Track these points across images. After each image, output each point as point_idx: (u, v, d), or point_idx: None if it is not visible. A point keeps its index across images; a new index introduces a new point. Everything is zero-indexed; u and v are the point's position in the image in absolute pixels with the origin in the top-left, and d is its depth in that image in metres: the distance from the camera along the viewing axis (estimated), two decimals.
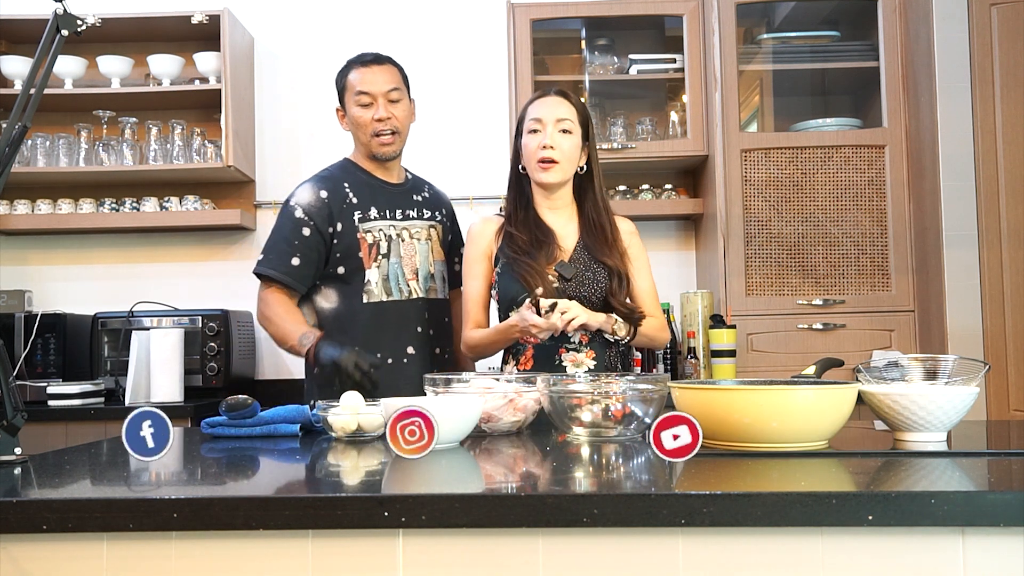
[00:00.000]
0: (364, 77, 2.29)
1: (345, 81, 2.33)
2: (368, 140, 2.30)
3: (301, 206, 2.27)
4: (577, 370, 2.12)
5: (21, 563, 1.09)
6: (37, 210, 3.41)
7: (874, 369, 1.59)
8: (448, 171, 3.54)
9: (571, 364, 2.13)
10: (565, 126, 2.15)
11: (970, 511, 1.03)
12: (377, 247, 2.27)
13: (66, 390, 2.98)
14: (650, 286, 2.25)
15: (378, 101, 2.28)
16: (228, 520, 1.06)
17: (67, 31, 1.53)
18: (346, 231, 2.26)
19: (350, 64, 2.36)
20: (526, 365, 2.15)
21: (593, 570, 1.07)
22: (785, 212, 3.11)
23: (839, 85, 3.48)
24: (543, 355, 2.14)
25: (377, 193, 2.33)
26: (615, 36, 3.47)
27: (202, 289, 3.57)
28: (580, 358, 2.13)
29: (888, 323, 3.08)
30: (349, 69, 2.34)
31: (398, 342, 2.27)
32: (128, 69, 3.42)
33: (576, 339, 2.13)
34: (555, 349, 2.13)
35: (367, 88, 2.28)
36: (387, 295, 2.27)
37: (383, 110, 2.28)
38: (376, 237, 2.27)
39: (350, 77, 2.32)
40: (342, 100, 2.36)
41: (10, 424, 1.36)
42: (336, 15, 3.63)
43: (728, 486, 1.08)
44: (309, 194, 2.29)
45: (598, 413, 1.53)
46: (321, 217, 2.25)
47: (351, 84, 2.31)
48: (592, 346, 2.14)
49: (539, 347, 2.13)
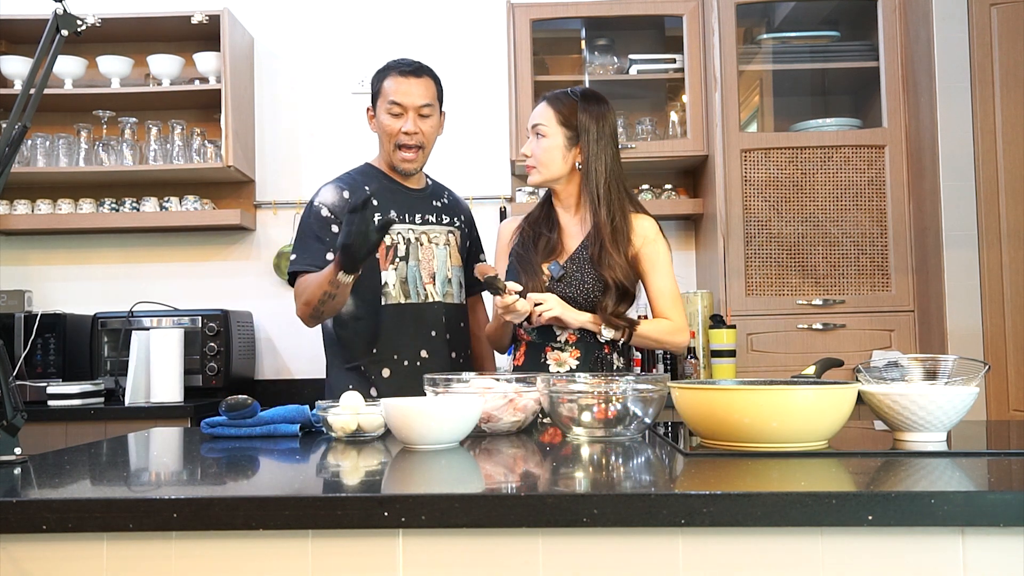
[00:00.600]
0: (400, 88, 2.28)
1: (380, 86, 2.32)
2: (392, 151, 2.31)
3: (326, 205, 2.28)
4: (559, 369, 2.15)
5: (21, 563, 1.09)
6: (37, 210, 3.41)
7: (874, 369, 1.59)
8: (448, 171, 3.54)
9: (554, 363, 2.17)
10: (540, 131, 2.21)
11: (970, 511, 1.03)
12: (395, 250, 2.28)
13: (66, 390, 2.98)
14: (668, 287, 2.20)
15: (408, 114, 2.28)
16: (228, 520, 1.06)
17: (67, 31, 1.53)
18: None
19: (388, 69, 2.33)
20: (519, 361, 2.23)
21: (593, 570, 1.07)
22: (785, 212, 3.11)
23: (839, 85, 3.48)
24: (532, 352, 2.21)
25: (398, 197, 2.33)
26: (615, 36, 3.48)
27: (202, 289, 3.57)
28: (564, 357, 2.17)
29: (888, 323, 3.08)
30: (387, 74, 2.32)
31: (414, 344, 2.28)
32: (128, 69, 3.42)
33: (563, 338, 2.17)
34: (542, 347, 2.18)
35: (400, 100, 2.27)
36: (405, 297, 2.28)
37: (412, 124, 2.27)
38: (394, 240, 2.28)
39: (386, 84, 2.30)
40: (374, 102, 2.34)
41: (10, 424, 1.36)
42: (336, 15, 3.63)
43: (728, 486, 1.08)
44: (332, 194, 2.29)
45: (598, 413, 1.53)
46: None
47: (386, 91, 2.29)
48: (578, 345, 2.16)
49: (530, 344, 2.20)
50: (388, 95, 2.28)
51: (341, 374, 2.31)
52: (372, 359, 2.27)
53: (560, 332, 2.17)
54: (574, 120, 2.19)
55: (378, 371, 2.26)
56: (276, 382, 3.56)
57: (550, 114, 2.20)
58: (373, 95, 2.35)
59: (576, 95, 2.22)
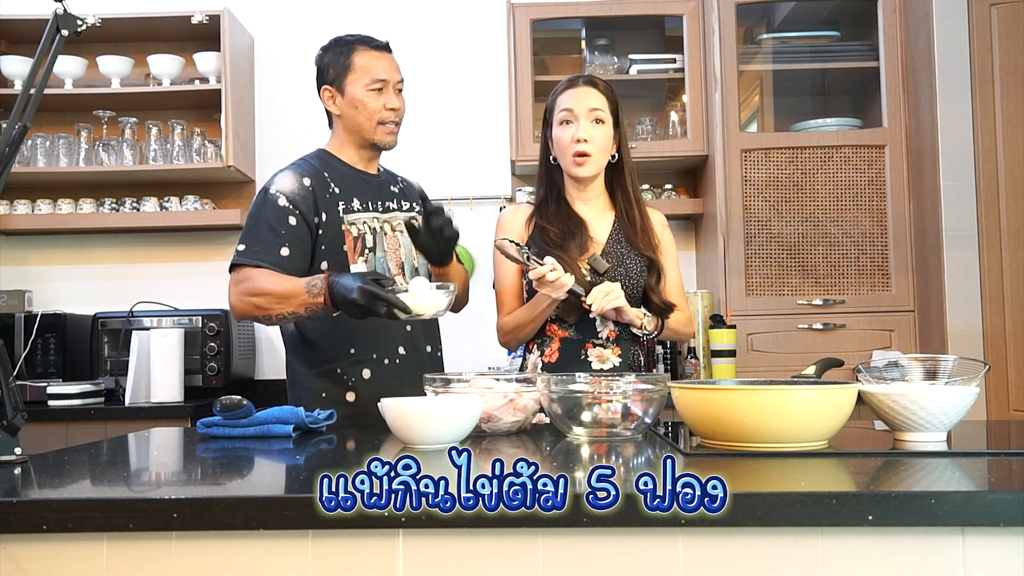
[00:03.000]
0: (379, 64, 2.17)
1: (349, 61, 2.17)
2: (373, 127, 2.17)
3: (284, 194, 2.08)
4: (602, 366, 2.08)
5: (21, 563, 1.09)
6: (37, 210, 3.41)
7: (874, 369, 1.59)
8: (448, 171, 3.54)
9: (597, 359, 2.09)
10: (597, 115, 2.09)
11: (970, 511, 1.03)
12: (362, 240, 2.14)
13: (66, 390, 2.98)
14: (678, 279, 2.21)
15: (389, 89, 2.17)
16: (228, 520, 1.06)
17: (67, 31, 1.53)
18: (331, 222, 2.12)
19: (353, 44, 2.20)
20: (551, 357, 2.10)
21: (593, 570, 1.07)
22: (785, 212, 3.11)
23: (839, 85, 3.48)
24: (568, 349, 2.10)
25: (359, 184, 2.20)
26: (615, 36, 3.48)
27: (202, 289, 3.57)
28: (606, 354, 2.09)
29: (888, 323, 3.08)
30: (353, 49, 2.19)
31: (392, 342, 2.16)
32: (128, 69, 3.42)
33: (604, 335, 2.09)
34: (582, 344, 2.09)
35: (384, 75, 2.16)
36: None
37: (394, 100, 2.17)
38: (361, 230, 2.15)
39: (359, 59, 2.17)
40: (339, 80, 2.18)
41: (10, 424, 1.36)
42: (336, 15, 3.63)
43: (728, 486, 1.08)
44: (292, 182, 2.11)
45: (598, 413, 1.53)
46: (307, 206, 2.09)
47: (360, 67, 2.17)
48: (618, 342, 2.10)
49: (565, 340, 2.10)
50: (366, 71, 2.16)
51: (312, 379, 2.12)
52: (351, 360, 2.10)
53: (602, 328, 2.09)
54: (615, 106, 2.13)
55: (358, 372, 2.10)
56: (276, 382, 3.55)
57: (604, 100, 2.10)
58: (336, 72, 2.19)
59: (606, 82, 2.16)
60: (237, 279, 2.04)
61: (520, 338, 2.14)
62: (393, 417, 1.46)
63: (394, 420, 1.46)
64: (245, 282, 2.01)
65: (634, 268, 2.12)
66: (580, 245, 2.08)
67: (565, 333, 2.10)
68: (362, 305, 1.81)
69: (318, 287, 1.91)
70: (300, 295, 1.93)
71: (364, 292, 1.81)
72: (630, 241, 2.13)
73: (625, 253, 2.13)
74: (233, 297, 2.03)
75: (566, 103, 2.11)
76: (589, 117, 2.08)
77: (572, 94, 2.12)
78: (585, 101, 2.09)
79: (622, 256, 2.12)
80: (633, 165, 2.19)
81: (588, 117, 2.08)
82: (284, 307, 1.96)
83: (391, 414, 1.46)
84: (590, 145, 2.08)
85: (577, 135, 2.08)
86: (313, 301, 1.92)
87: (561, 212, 2.14)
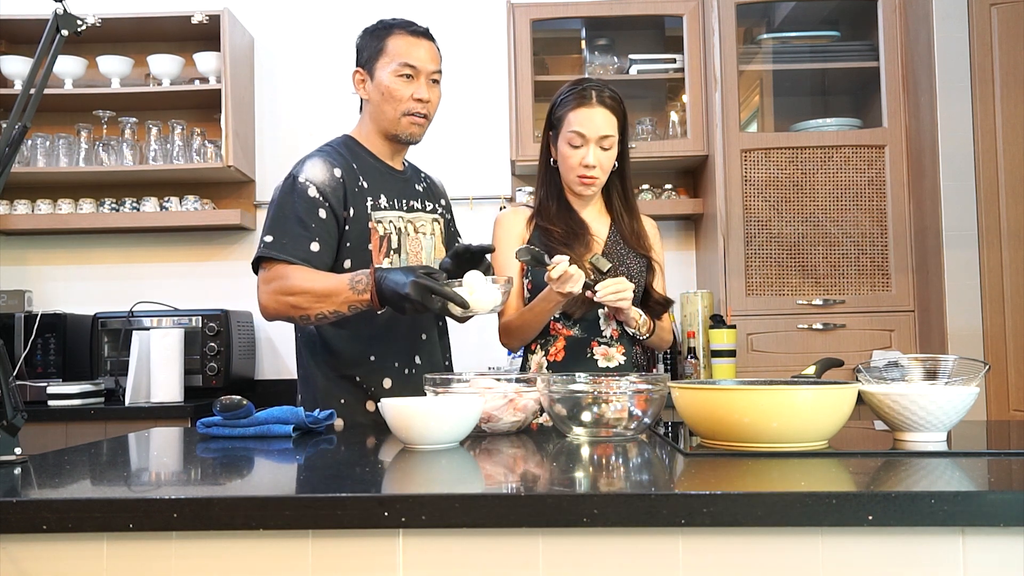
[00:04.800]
0: (413, 50, 2.03)
1: (383, 44, 2.04)
2: (398, 117, 2.03)
3: (315, 184, 1.94)
4: (608, 364, 2.09)
5: (21, 563, 1.09)
6: (37, 210, 3.41)
7: (874, 369, 1.59)
8: (448, 171, 3.53)
9: (602, 358, 2.10)
10: (607, 144, 2.08)
11: (970, 511, 1.02)
12: (388, 240, 2.02)
13: (66, 390, 2.99)
14: (663, 286, 2.24)
15: (420, 78, 2.03)
16: (228, 520, 1.06)
17: (67, 31, 1.53)
18: (358, 218, 1.98)
19: (392, 27, 2.07)
20: (556, 356, 2.10)
21: (593, 570, 1.06)
22: (785, 212, 3.11)
23: (839, 85, 3.48)
24: (573, 348, 2.10)
25: (386, 179, 2.08)
26: (615, 36, 3.48)
27: (202, 289, 3.57)
28: (611, 352, 2.10)
29: (888, 323, 3.08)
30: (391, 32, 2.05)
31: (410, 350, 2.05)
32: (128, 69, 3.42)
33: (608, 333, 2.11)
34: (587, 342, 2.10)
35: (416, 63, 2.02)
36: None
37: (425, 90, 2.03)
38: (387, 229, 2.02)
39: (392, 43, 2.04)
40: (371, 63, 2.05)
41: (10, 424, 1.36)
42: (336, 15, 3.63)
43: (728, 486, 1.08)
44: (323, 172, 1.96)
45: (598, 413, 1.53)
46: (337, 199, 1.95)
47: (393, 51, 2.03)
48: (622, 341, 2.11)
49: (570, 339, 2.10)
50: (398, 55, 2.02)
51: (332, 383, 2.01)
52: (370, 368, 2.00)
53: (606, 327, 2.10)
54: (624, 125, 2.12)
55: (378, 381, 1.99)
56: (276, 382, 3.56)
57: (614, 123, 2.08)
58: (369, 55, 2.06)
59: (616, 93, 2.11)
60: (267, 277, 1.91)
61: (524, 339, 2.13)
62: (393, 417, 1.46)
63: (394, 420, 1.47)
64: (278, 280, 1.88)
65: (634, 267, 2.14)
66: (584, 244, 2.10)
67: (570, 332, 2.10)
68: (415, 300, 1.71)
69: (363, 283, 1.80)
70: (343, 292, 1.82)
71: (418, 286, 1.71)
72: (629, 241, 2.17)
73: (625, 253, 2.15)
74: (264, 296, 1.91)
75: (577, 125, 2.07)
76: (599, 144, 2.07)
77: (584, 115, 2.06)
78: (597, 127, 2.06)
79: (622, 256, 2.14)
80: (631, 171, 2.21)
81: (598, 144, 2.07)
82: (325, 306, 1.84)
83: (391, 414, 1.46)
84: (597, 170, 2.09)
85: (586, 161, 2.07)
86: (358, 298, 1.81)
87: (563, 212, 2.15)
